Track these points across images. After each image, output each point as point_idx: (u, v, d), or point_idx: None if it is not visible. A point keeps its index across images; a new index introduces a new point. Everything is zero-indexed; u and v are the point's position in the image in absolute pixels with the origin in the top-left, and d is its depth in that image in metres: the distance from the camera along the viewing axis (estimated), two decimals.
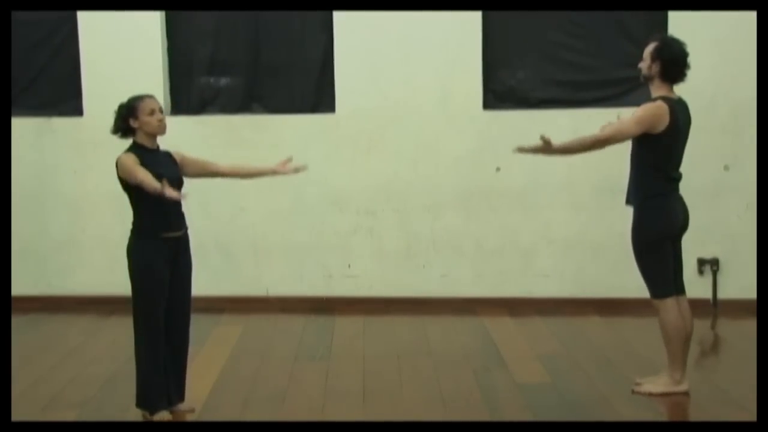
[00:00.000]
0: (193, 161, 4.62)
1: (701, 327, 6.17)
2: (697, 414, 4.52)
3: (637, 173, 4.66)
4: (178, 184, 4.45)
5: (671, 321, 4.63)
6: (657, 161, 4.58)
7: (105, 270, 6.94)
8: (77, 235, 7.07)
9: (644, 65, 4.60)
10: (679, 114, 4.55)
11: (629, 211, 4.74)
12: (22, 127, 6.88)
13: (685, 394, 4.69)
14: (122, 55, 6.77)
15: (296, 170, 4.79)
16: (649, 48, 4.60)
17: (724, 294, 6.72)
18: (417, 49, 6.76)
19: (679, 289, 4.72)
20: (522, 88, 6.87)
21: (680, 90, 4.72)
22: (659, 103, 4.51)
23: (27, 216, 6.99)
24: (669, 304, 4.63)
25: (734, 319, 6.40)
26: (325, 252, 6.96)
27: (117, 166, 4.29)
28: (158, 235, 4.34)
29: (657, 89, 4.58)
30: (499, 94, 6.87)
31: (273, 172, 4.80)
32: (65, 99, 7.04)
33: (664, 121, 4.48)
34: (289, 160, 4.77)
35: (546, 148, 4.54)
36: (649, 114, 4.49)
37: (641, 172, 4.63)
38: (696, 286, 6.57)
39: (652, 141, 4.52)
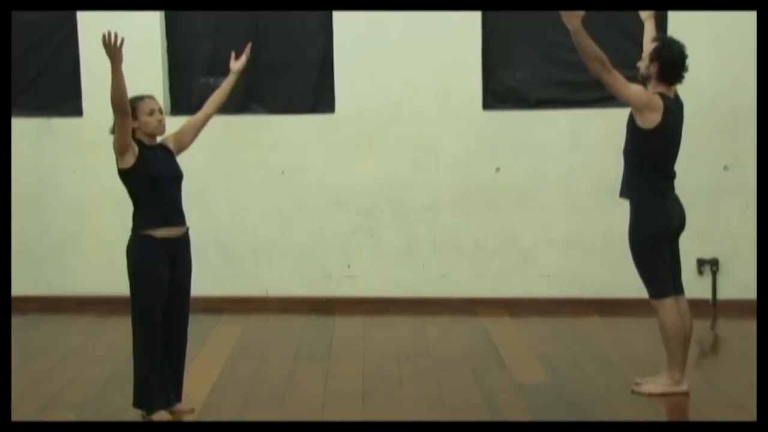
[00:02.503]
0: (182, 131, 4.62)
1: (701, 327, 6.16)
2: (697, 414, 4.52)
3: (631, 171, 4.67)
4: (177, 179, 4.47)
5: (670, 321, 4.63)
6: (651, 158, 4.58)
7: (105, 270, 6.93)
8: (77, 235, 7.07)
9: (642, 64, 4.62)
10: (673, 112, 4.56)
11: (629, 210, 4.74)
12: (22, 127, 6.88)
13: (685, 394, 4.69)
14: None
15: (247, 56, 4.84)
16: (649, 48, 4.62)
17: (723, 294, 6.72)
18: (417, 49, 6.76)
19: (677, 289, 4.73)
20: (522, 88, 6.87)
21: (681, 89, 4.72)
22: (656, 97, 4.52)
23: (27, 216, 6.99)
24: (668, 304, 4.63)
25: (734, 320, 6.40)
26: (324, 252, 6.96)
27: (114, 150, 4.29)
28: (157, 230, 4.33)
29: (654, 88, 4.59)
30: (498, 94, 6.88)
31: (235, 74, 4.82)
32: (65, 99, 7.04)
33: (655, 116, 4.48)
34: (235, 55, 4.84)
35: (576, 18, 4.37)
36: (646, 99, 4.48)
37: (636, 170, 4.64)
38: (696, 286, 6.57)
39: (646, 137, 4.53)
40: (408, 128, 6.83)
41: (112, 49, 4.09)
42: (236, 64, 4.87)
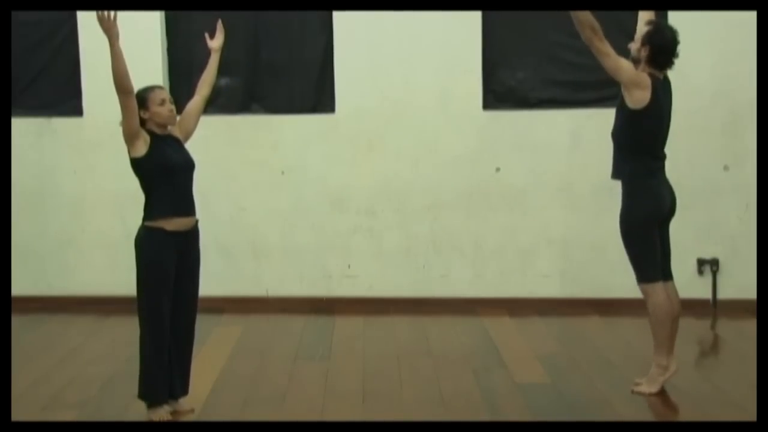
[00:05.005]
0: (184, 118, 4.62)
1: (701, 327, 6.18)
2: (697, 414, 4.51)
3: (622, 152, 4.69)
4: (190, 168, 4.48)
5: (660, 303, 4.63)
6: (641, 139, 4.60)
7: (105, 270, 6.95)
8: (77, 235, 7.07)
9: (634, 47, 4.64)
10: (661, 93, 4.58)
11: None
12: (22, 127, 6.88)
13: (674, 401, 4.67)
14: None
15: (221, 31, 4.84)
16: (641, 31, 4.64)
17: (723, 294, 6.72)
18: (417, 49, 6.76)
19: (666, 274, 4.74)
20: (522, 88, 6.87)
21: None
22: (645, 75, 4.54)
23: (27, 216, 6.99)
24: (657, 288, 4.65)
25: (734, 319, 6.40)
26: (325, 252, 6.96)
27: (124, 137, 4.29)
28: (169, 221, 4.32)
29: (643, 71, 4.59)
30: (499, 94, 6.87)
31: (216, 53, 4.84)
32: (65, 99, 7.04)
33: (643, 95, 4.49)
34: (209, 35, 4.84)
35: None
36: (635, 75, 4.50)
37: (626, 152, 4.66)
38: (696, 286, 6.58)
39: (636, 118, 4.54)
40: (408, 128, 6.83)
41: (106, 23, 4.11)
42: (214, 43, 4.86)
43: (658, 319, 4.66)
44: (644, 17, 4.80)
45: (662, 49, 4.56)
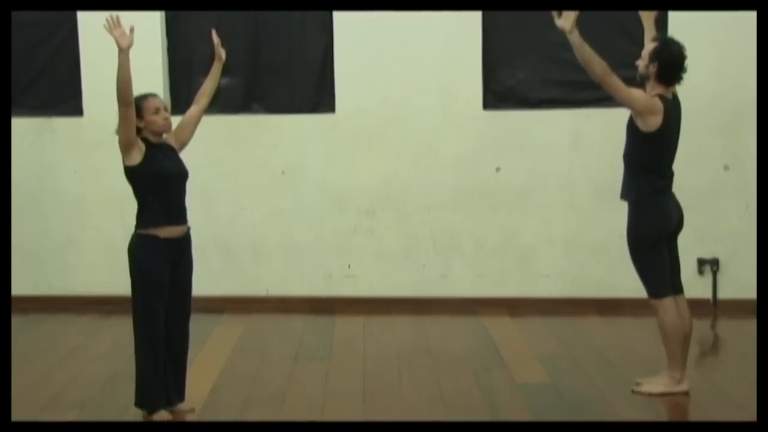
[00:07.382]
0: (181, 128, 4.60)
1: (701, 327, 6.17)
2: (697, 414, 4.52)
3: (630, 172, 4.68)
4: (183, 177, 4.47)
5: (669, 321, 4.63)
6: (650, 159, 4.59)
7: (105, 270, 6.94)
8: (77, 235, 7.07)
9: (642, 64, 4.62)
10: (672, 114, 4.57)
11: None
12: (22, 127, 6.88)
13: (686, 394, 4.69)
14: None
15: (222, 46, 4.81)
16: (648, 48, 4.62)
17: (724, 294, 6.72)
18: (417, 49, 6.76)
19: (676, 288, 4.73)
20: (522, 88, 6.87)
21: (681, 89, 4.72)
22: (657, 100, 4.53)
23: (27, 216, 6.99)
24: (667, 304, 4.63)
25: (734, 319, 6.40)
26: (325, 252, 6.96)
27: (120, 146, 4.28)
28: (161, 229, 4.32)
29: (653, 88, 4.59)
30: (499, 94, 6.88)
31: (220, 61, 4.83)
32: (65, 99, 7.04)
33: (656, 120, 4.49)
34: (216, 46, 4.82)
35: (569, 21, 4.39)
36: (648, 103, 4.49)
37: (634, 171, 4.65)
38: (696, 286, 6.58)
39: (647, 140, 4.54)
40: (408, 128, 6.83)
41: (117, 32, 4.11)
42: (222, 51, 4.84)
43: (668, 336, 4.66)
44: (650, 32, 4.78)
45: (671, 64, 4.54)
